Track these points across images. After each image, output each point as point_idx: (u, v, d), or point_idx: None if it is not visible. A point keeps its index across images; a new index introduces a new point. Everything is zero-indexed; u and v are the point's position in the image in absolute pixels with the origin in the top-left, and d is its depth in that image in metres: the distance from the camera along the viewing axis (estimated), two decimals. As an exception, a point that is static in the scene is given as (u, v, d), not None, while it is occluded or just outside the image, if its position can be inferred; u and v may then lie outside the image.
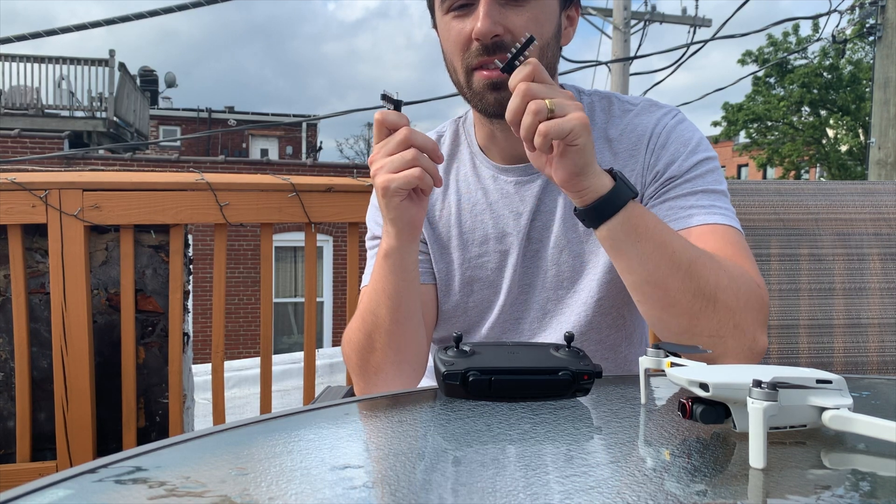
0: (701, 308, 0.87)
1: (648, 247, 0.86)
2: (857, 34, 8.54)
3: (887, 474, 0.53)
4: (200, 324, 8.70)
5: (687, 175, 1.02)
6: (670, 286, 0.87)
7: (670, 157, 1.03)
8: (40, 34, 5.06)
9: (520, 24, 0.95)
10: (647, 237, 0.86)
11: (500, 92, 0.97)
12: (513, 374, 0.73)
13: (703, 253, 0.90)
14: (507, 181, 1.08)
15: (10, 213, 1.97)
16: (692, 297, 0.87)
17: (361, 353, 1.00)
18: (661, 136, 1.05)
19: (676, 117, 1.07)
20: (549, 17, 0.99)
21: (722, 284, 0.88)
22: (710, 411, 0.59)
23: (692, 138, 1.05)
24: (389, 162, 0.87)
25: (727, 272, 0.90)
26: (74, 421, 2.01)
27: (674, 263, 0.86)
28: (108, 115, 13.14)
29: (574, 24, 1.05)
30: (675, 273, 0.86)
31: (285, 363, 5.04)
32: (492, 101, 0.99)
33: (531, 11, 0.96)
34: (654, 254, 0.86)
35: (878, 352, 1.37)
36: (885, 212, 1.40)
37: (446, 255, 1.12)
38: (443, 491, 0.50)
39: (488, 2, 0.94)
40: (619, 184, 0.86)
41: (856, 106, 19.86)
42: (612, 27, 10.17)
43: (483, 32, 0.93)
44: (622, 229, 0.86)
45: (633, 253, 0.87)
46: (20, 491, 0.48)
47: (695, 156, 1.03)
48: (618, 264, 0.91)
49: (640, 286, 0.89)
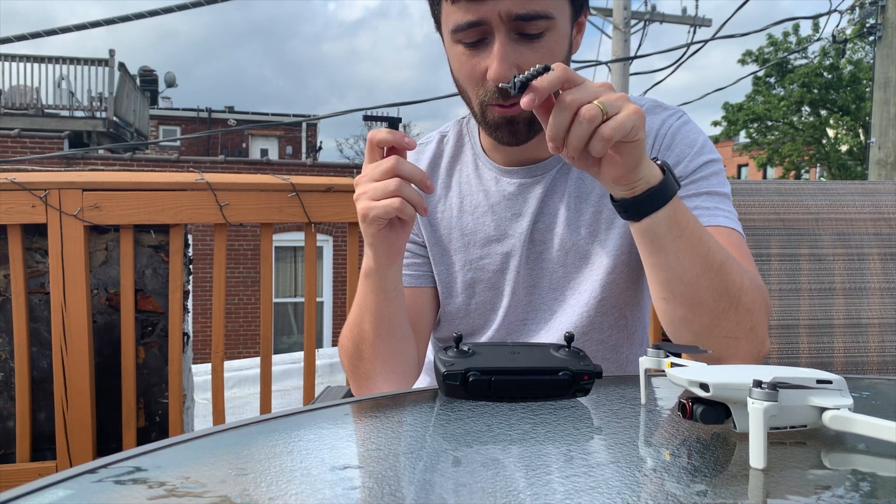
0: (725, 308, 0.87)
1: (686, 243, 0.84)
2: (858, 34, 8.54)
3: (887, 474, 0.53)
4: (200, 324, 8.71)
5: (692, 176, 1.02)
6: (701, 284, 0.86)
7: (675, 158, 1.03)
8: (40, 34, 5.06)
9: (535, 61, 0.91)
10: (687, 233, 0.84)
11: (514, 125, 0.97)
12: (513, 374, 0.73)
13: (730, 254, 0.89)
14: (510, 183, 1.08)
15: (9, 212, 1.97)
16: (719, 296, 0.86)
17: (352, 361, 1.03)
18: (666, 136, 1.05)
19: (681, 118, 1.07)
20: (562, 42, 0.96)
21: (745, 287, 0.88)
22: (711, 411, 0.59)
23: (697, 140, 1.05)
24: (372, 189, 0.86)
25: (748, 275, 0.90)
26: (74, 421, 2.01)
27: (707, 262, 0.85)
28: (107, 115, 13.14)
29: (583, 30, 1.04)
30: (707, 272, 0.85)
31: (285, 363, 5.05)
32: (507, 135, 0.99)
33: (546, 45, 0.93)
34: (691, 251, 0.85)
35: (878, 352, 1.37)
36: (885, 212, 1.40)
37: (447, 256, 1.12)
38: (443, 491, 0.50)
39: (503, 43, 0.91)
40: (668, 176, 0.83)
41: (856, 106, 19.87)
42: (612, 27, 10.17)
43: (499, 77, 0.91)
44: (665, 223, 0.83)
45: (671, 248, 0.84)
46: (20, 491, 0.48)
47: (700, 157, 1.03)
48: (652, 259, 0.87)
49: (672, 283, 0.87)
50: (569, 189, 1.06)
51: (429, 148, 1.16)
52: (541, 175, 1.07)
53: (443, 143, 1.15)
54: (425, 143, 1.17)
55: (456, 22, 0.93)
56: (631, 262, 1.06)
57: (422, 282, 1.12)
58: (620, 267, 1.06)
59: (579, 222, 1.06)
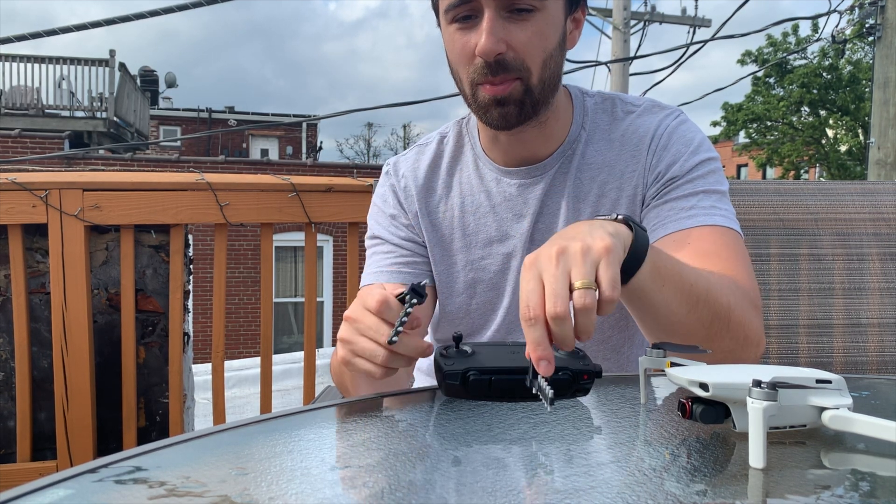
0: (717, 330, 0.86)
1: (671, 288, 0.81)
2: (857, 34, 8.54)
3: (887, 474, 0.53)
4: (201, 324, 8.70)
5: (688, 175, 1.02)
6: (690, 320, 0.84)
7: (672, 157, 1.03)
8: (40, 34, 5.06)
9: (523, 39, 0.94)
10: (669, 278, 0.81)
11: (504, 107, 0.97)
12: (513, 373, 0.73)
13: (710, 275, 0.88)
14: (511, 183, 1.08)
15: (10, 212, 1.97)
16: (710, 323, 0.85)
17: (339, 382, 1.03)
18: (662, 136, 1.05)
19: (679, 118, 1.07)
20: (554, 27, 0.97)
21: (732, 304, 0.87)
22: (710, 411, 0.60)
23: (694, 139, 1.05)
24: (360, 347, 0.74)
25: (731, 288, 0.88)
26: (75, 421, 2.01)
27: (693, 297, 0.83)
28: (108, 116, 13.13)
29: (580, 27, 1.04)
30: (695, 306, 0.84)
31: (285, 363, 5.05)
32: (496, 116, 0.99)
33: (535, 25, 0.94)
34: (676, 294, 0.82)
35: (877, 352, 1.37)
36: (885, 212, 1.40)
37: (448, 256, 1.12)
38: (443, 491, 0.50)
39: (491, 18, 0.93)
40: (635, 228, 0.76)
41: (855, 106, 19.86)
42: (612, 27, 10.17)
43: (486, 51, 0.93)
44: (650, 276, 0.78)
45: (658, 299, 0.81)
46: (20, 491, 0.48)
47: (696, 156, 1.03)
48: (640, 314, 0.85)
49: (663, 326, 0.85)
50: (567, 188, 1.06)
51: (429, 149, 1.16)
52: (540, 175, 1.07)
53: (443, 144, 1.15)
54: (425, 143, 1.17)
55: (449, 0, 0.95)
56: None
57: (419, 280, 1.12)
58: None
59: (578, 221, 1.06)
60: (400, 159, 1.18)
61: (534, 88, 0.97)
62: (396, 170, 1.16)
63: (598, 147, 1.07)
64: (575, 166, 1.06)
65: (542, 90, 0.98)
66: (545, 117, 1.03)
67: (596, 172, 1.06)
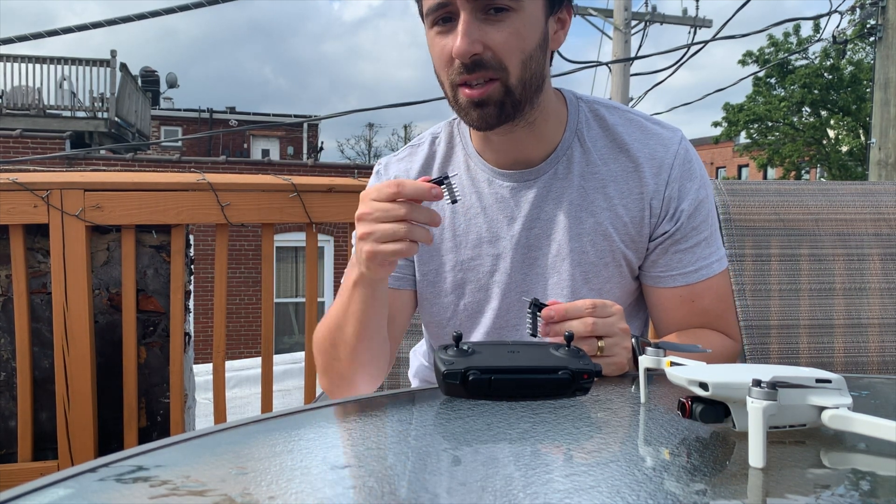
0: None
1: None
2: (858, 35, 8.53)
3: (887, 474, 0.53)
4: (202, 324, 8.69)
5: (696, 216, 1.06)
6: None
7: (692, 199, 1.06)
8: (41, 34, 5.07)
9: (500, 39, 0.94)
10: None
11: (483, 108, 0.97)
12: (513, 373, 0.73)
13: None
14: (503, 185, 1.08)
15: (11, 213, 1.97)
16: None
17: (327, 359, 1.06)
18: (674, 167, 1.06)
19: (684, 143, 1.08)
20: (533, 27, 0.97)
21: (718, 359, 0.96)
22: (710, 410, 0.60)
23: (700, 171, 1.08)
24: (380, 232, 0.87)
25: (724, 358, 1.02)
26: (76, 421, 2.02)
27: None
28: (109, 116, 13.14)
29: (566, 27, 1.04)
30: None
31: (286, 363, 5.04)
32: (476, 117, 0.99)
33: (512, 25, 0.94)
34: None
35: (878, 352, 1.37)
36: (885, 212, 1.40)
37: (437, 256, 1.12)
38: (443, 490, 0.50)
39: (467, 20, 0.93)
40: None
41: (856, 106, 19.85)
42: (613, 28, 10.17)
43: (461, 52, 0.93)
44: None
45: None
46: (21, 490, 0.48)
47: (703, 191, 1.07)
48: None
49: None
50: (569, 196, 1.06)
51: (421, 149, 1.16)
52: (533, 180, 1.07)
53: (435, 144, 1.15)
54: (416, 144, 1.17)
55: (428, 5, 0.96)
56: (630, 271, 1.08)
57: (402, 283, 1.13)
58: (619, 276, 1.07)
59: (580, 230, 1.06)
60: (392, 159, 1.18)
61: (513, 89, 0.97)
62: (387, 170, 1.16)
63: (601, 155, 1.07)
64: (577, 174, 1.06)
65: (522, 90, 0.98)
66: (533, 118, 1.03)
67: (601, 184, 1.06)
